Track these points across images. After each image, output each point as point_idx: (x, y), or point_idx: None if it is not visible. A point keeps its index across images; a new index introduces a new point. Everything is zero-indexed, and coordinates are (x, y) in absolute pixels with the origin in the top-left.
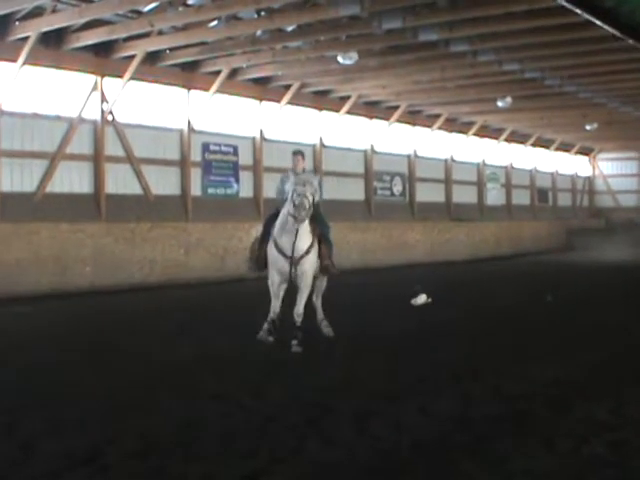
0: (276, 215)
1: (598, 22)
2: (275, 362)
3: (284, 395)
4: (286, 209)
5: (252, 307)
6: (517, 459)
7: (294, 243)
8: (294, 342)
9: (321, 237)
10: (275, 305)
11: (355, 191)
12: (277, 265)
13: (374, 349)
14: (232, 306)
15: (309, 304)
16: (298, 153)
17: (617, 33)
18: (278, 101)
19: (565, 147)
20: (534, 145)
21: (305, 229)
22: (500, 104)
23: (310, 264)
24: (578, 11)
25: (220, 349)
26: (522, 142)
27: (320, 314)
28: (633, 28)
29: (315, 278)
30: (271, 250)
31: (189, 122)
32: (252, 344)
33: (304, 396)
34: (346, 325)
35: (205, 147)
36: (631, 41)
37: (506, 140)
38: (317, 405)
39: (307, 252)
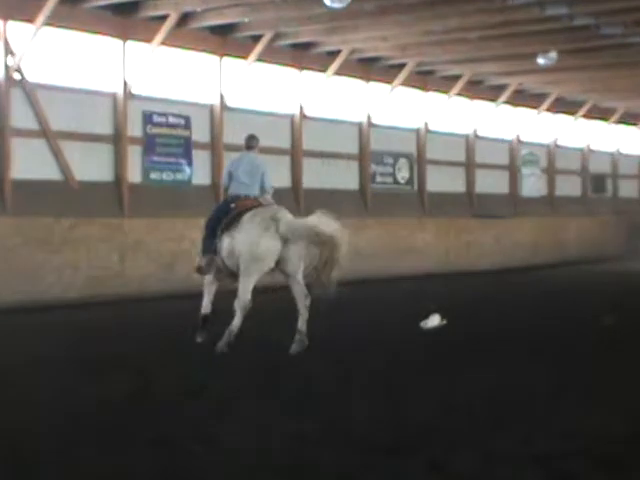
0: None
1: None
2: (232, 398)
3: (244, 441)
4: None
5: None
6: None
7: None
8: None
9: None
10: None
11: (346, 177)
12: None
13: (369, 383)
14: (179, 328)
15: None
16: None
17: None
18: (245, 57)
19: (630, 119)
20: (587, 116)
21: None
22: (541, 61)
23: None
24: None
25: (162, 382)
26: (571, 112)
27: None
28: None
29: None
30: None
31: (125, 84)
32: (203, 376)
33: (272, 444)
34: (332, 351)
35: (147, 118)
36: None
37: (549, 110)
38: (290, 457)
39: None
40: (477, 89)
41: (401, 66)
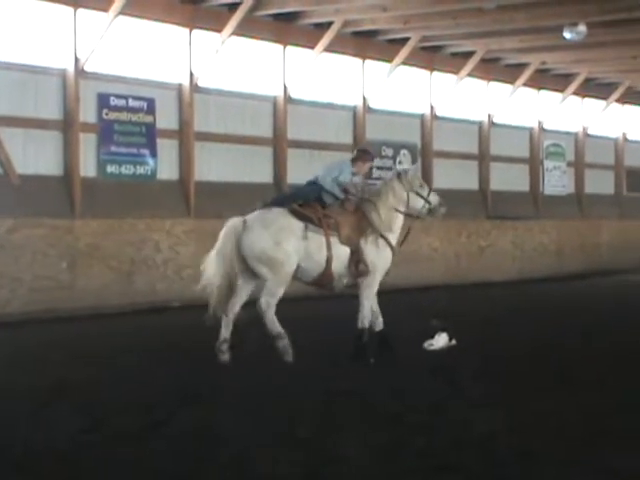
0: None
1: None
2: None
3: None
4: None
5: (169, 360)
6: None
7: None
8: None
9: None
10: None
11: None
12: None
13: (364, 421)
14: (140, 348)
15: None
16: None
17: None
18: (219, 31)
19: None
20: (622, 101)
21: None
22: (568, 35)
23: None
24: None
25: (119, 417)
26: (603, 96)
27: None
28: None
29: None
30: None
31: (77, 60)
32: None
33: None
34: (317, 380)
35: (103, 100)
36: None
37: (577, 93)
38: None
39: None
40: (493, 69)
41: (403, 41)
